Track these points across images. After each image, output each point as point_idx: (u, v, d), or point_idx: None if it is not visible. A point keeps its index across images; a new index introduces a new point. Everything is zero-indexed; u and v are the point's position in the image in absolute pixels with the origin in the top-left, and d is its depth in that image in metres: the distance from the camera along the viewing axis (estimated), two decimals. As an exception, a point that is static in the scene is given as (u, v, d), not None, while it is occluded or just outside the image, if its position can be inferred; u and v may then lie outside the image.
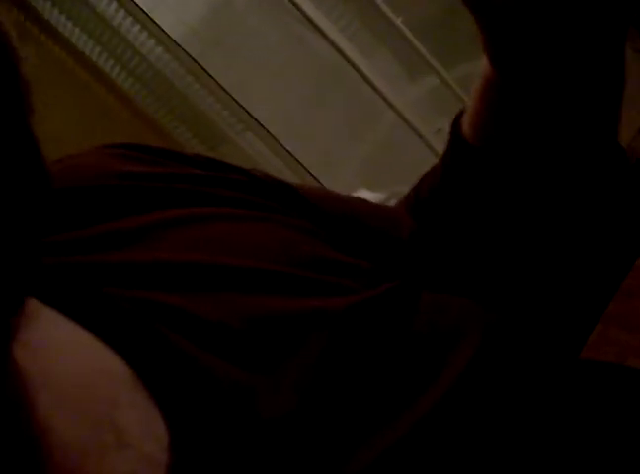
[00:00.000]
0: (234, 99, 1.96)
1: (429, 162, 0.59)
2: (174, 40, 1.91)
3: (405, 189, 0.61)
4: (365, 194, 1.97)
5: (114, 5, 1.91)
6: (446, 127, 0.55)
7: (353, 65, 2.08)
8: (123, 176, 0.43)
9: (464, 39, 2.43)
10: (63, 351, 0.32)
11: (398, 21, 2.13)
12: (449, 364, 0.36)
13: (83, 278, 0.37)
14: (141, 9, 1.88)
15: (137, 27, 1.93)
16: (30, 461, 0.28)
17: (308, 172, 2.02)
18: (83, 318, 0.34)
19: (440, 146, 2.18)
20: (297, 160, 2.01)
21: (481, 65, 0.50)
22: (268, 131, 1.99)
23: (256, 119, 1.98)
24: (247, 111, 1.97)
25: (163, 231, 0.41)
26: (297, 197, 0.49)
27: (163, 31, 1.90)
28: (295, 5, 1.93)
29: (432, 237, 0.54)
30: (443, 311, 0.40)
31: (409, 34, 2.16)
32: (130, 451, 0.30)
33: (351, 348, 0.36)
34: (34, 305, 0.32)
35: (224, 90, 1.95)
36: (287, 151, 2.00)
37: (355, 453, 0.32)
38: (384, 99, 2.10)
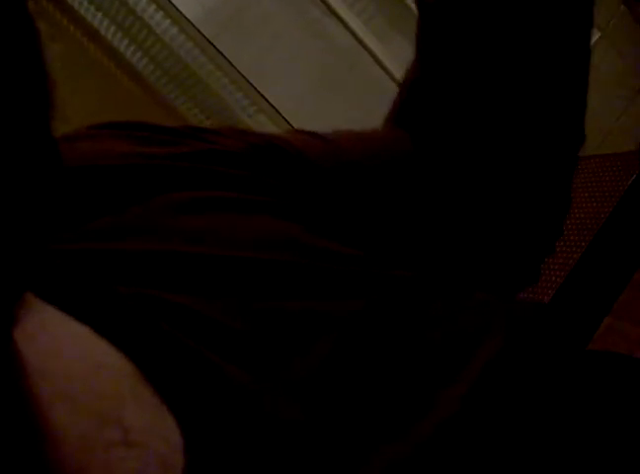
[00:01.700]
0: (248, 81, 1.96)
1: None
2: (189, 21, 1.90)
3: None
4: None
5: (130, -17, 1.90)
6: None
7: (368, 50, 2.07)
8: (127, 156, 0.42)
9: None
10: (64, 346, 0.32)
11: (414, 7, 2.11)
12: (468, 369, 0.35)
13: (85, 270, 0.36)
14: (157, -12, 1.87)
15: (153, 6, 1.92)
16: (33, 453, 0.27)
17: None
18: (85, 314, 0.33)
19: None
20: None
21: None
22: (280, 114, 1.98)
23: (269, 102, 1.97)
24: (260, 93, 1.97)
25: (172, 218, 0.40)
26: (296, 160, 0.49)
27: (179, 11, 1.89)
28: (312, -12, 1.92)
29: (425, 137, 0.56)
30: (461, 313, 0.39)
31: (425, 20, 2.14)
32: (138, 449, 0.29)
33: (361, 350, 0.35)
34: (33, 301, 0.32)
35: (238, 71, 1.95)
36: (300, 135, 1.99)
37: (368, 458, 0.31)
38: (399, 85, 2.09)
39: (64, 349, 0.31)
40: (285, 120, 1.98)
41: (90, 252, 0.37)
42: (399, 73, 2.09)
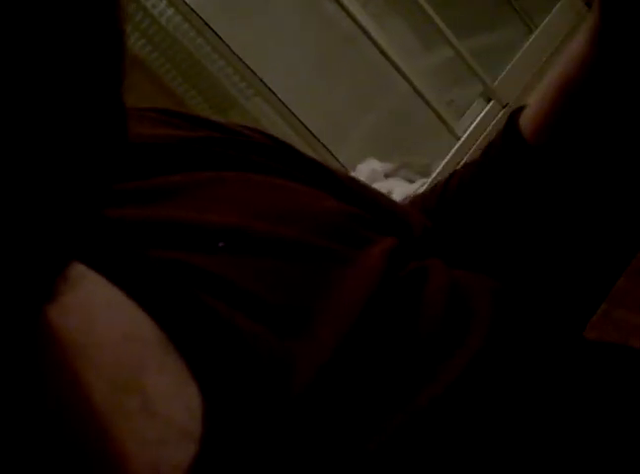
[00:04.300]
0: (245, 63, 1.95)
1: (439, 134, 0.58)
2: (187, 3, 1.89)
3: (414, 160, 0.61)
4: (374, 163, 1.96)
5: (126, -36, 1.89)
6: (458, 99, 0.55)
7: (366, 33, 2.06)
8: (152, 137, 0.43)
9: (480, 10, 2.40)
10: (96, 312, 0.32)
11: (413, -11, 2.10)
12: (464, 345, 0.36)
13: (117, 235, 0.36)
14: (154, -31, 1.86)
15: (149, -13, 1.91)
16: (54, 420, 0.28)
17: (317, 139, 2.01)
18: (117, 277, 0.33)
19: (452, 118, 2.18)
20: (306, 127, 2.00)
21: (565, 50, 0.49)
22: (277, 97, 1.97)
23: (266, 84, 1.97)
24: (257, 75, 1.96)
25: (202, 191, 0.40)
26: (327, 172, 0.49)
27: (175, -8, 1.88)
28: (310, -30, 1.91)
29: (448, 233, 0.54)
30: (456, 291, 0.39)
31: (424, 3, 2.13)
32: (158, 418, 0.29)
33: (377, 326, 0.35)
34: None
35: (235, 54, 1.94)
36: (296, 117, 1.99)
37: (376, 426, 0.31)
38: (397, 68, 2.08)
39: (97, 314, 0.32)
40: (283, 103, 1.98)
41: (121, 215, 0.37)
42: (397, 57, 2.08)
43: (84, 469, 0.28)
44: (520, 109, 0.52)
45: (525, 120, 0.51)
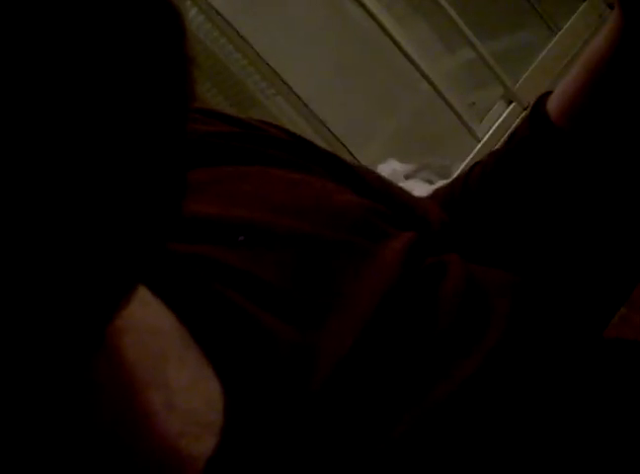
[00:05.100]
0: (267, 63, 1.95)
1: (460, 135, 0.58)
2: (209, 3, 1.90)
3: (434, 161, 0.60)
4: (394, 164, 1.96)
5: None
6: (479, 102, 0.54)
7: (388, 34, 2.06)
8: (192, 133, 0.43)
9: (502, 12, 2.39)
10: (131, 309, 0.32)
11: (436, -9, 2.10)
12: (481, 340, 0.36)
13: None
14: (178, -32, 1.86)
15: (173, -14, 1.91)
16: (83, 418, 0.28)
17: (337, 139, 2.01)
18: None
19: (473, 120, 2.17)
20: (327, 127, 2.00)
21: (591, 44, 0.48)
22: (298, 97, 1.97)
23: (287, 84, 1.97)
24: (279, 75, 1.96)
25: (222, 185, 0.41)
26: (345, 166, 0.49)
27: (199, -9, 1.89)
28: (333, -30, 1.90)
29: (469, 224, 0.53)
30: (474, 286, 0.39)
31: (446, 5, 2.13)
32: (180, 412, 0.30)
33: (394, 321, 0.36)
34: None
35: (257, 53, 1.94)
36: (317, 117, 1.99)
37: (395, 419, 0.32)
38: (418, 69, 2.08)
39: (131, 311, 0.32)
40: (303, 103, 1.98)
41: None
42: (419, 58, 2.08)
43: (115, 463, 0.28)
44: (547, 94, 0.52)
45: (553, 104, 0.50)
